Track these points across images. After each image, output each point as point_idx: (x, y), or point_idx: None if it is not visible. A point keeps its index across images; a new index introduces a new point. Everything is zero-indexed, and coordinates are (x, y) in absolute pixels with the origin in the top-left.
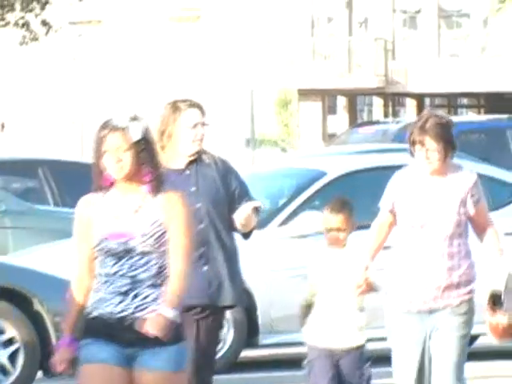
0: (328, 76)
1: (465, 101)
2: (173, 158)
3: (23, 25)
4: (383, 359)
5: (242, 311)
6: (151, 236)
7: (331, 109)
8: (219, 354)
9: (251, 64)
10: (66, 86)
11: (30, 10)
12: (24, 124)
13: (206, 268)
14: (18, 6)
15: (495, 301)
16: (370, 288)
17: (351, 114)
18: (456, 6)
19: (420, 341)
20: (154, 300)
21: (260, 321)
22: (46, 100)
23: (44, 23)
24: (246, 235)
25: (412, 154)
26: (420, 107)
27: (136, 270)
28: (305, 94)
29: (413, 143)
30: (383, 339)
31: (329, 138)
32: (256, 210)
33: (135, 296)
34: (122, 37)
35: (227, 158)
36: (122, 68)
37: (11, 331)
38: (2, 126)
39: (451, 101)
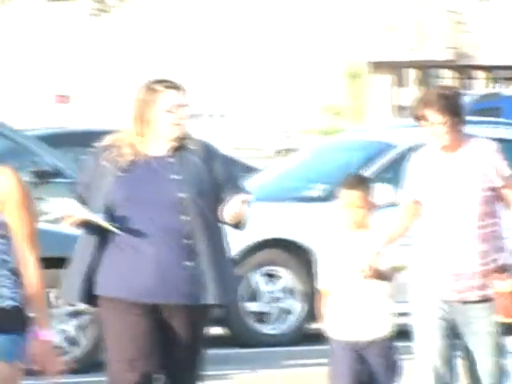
0: (399, 49)
1: None
2: (153, 144)
3: None
4: (404, 334)
5: (309, 282)
6: None
7: (402, 82)
8: (286, 326)
9: (322, 36)
10: (135, 58)
11: None
12: (92, 96)
13: (189, 264)
14: None
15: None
16: (378, 276)
17: (422, 87)
18: None
19: (446, 327)
20: None
21: None
22: (116, 72)
23: None
24: (238, 226)
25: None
26: (491, 80)
27: None
28: (375, 66)
29: (417, 119)
30: (404, 314)
31: (399, 110)
32: (246, 202)
33: None
34: (186, 9)
35: (213, 143)
36: (192, 42)
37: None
38: (69, 99)
39: None
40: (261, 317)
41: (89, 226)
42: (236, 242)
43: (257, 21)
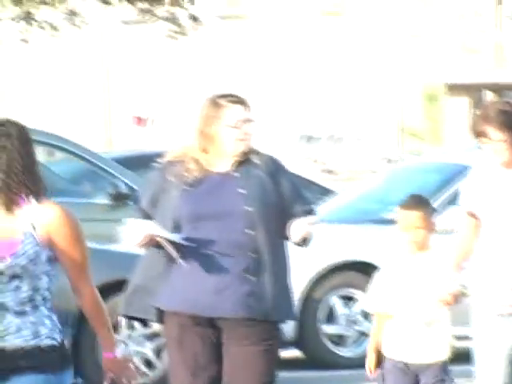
0: (476, 71)
1: None
2: (218, 159)
3: (171, 19)
4: (462, 357)
5: None
6: (23, 255)
7: (479, 104)
8: (362, 349)
9: (398, 58)
10: (212, 79)
11: (179, 5)
12: (169, 118)
13: (252, 278)
14: (166, 0)
15: None
16: (457, 300)
17: None
18: None
19: (508, 345)
20: (18, 331)
21: None
22: (193, 94)
23: (193, 18)
24: (302, 245)
25: (480, 147)
26: None
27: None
28: (452, 88)
29: (477, 135)
30: (462, 337)
31: None
32: (312, 223)
33: None
34: (266, 32)
35: (279, 158)
36: (272, 63)
37: None
38: (152, 121)
39: None
40: (337, 339)
41: (158, 245)
42: (314, 264)
43: (340, 44)
